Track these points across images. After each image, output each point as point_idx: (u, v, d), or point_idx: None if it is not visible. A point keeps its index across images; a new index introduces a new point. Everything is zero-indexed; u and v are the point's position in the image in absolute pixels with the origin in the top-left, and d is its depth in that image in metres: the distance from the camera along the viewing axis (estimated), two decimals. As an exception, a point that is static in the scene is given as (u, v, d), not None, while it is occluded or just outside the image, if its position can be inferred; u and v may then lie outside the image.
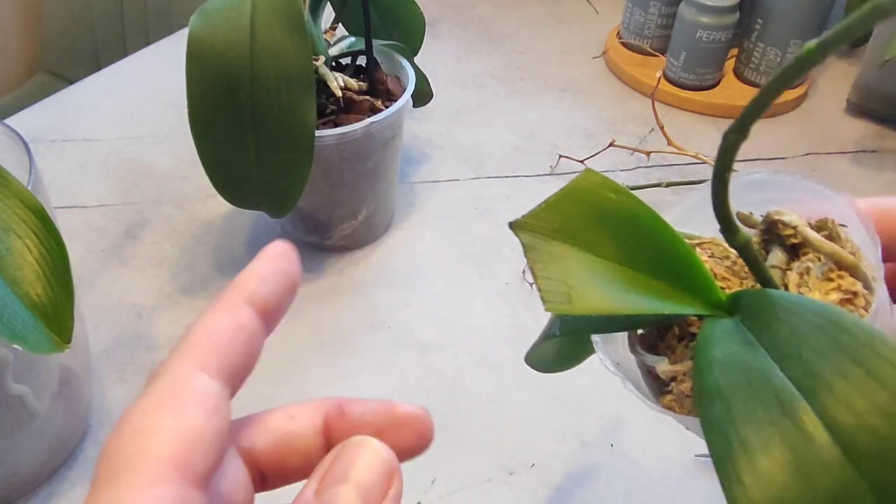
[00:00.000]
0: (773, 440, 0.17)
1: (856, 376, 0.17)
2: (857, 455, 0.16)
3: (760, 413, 0.18)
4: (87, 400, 0.42)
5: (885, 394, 0.16)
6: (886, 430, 0.16)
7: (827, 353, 0.17)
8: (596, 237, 0.21)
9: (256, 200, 0.46)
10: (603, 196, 0.22)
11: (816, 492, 0.16)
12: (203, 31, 0.41)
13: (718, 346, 0.19)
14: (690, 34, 0.66)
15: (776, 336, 0.19)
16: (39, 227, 0.29)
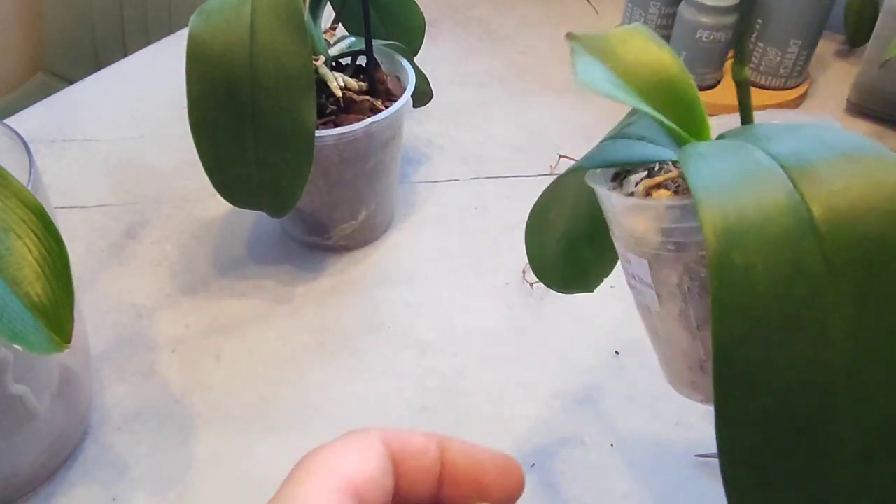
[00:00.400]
0: (747, 184, 0.18)
1: (838, 162, 0.18)
2: (821, 221, 0.17)
3: (739, 167, 0.19)
4: (87, 400, 0.42)
5: (861, 180, 0.17)
6: (856, 209, 0.17)
7: (812, 145, 0.19)
8: (631, 72, 0.25)
9: (256, 200, 0.46)
10: (646, 46, 0.26)
11: (769, 232, 0.17)
12: (203, 31, 0.41)
13: (705, 144, 0.21)
14: (690, 34, 0.66)
15: (757, 136, 0.20)
16: (39, 227, 0.29)
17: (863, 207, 0.17)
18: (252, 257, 0.54)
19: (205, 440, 0.42)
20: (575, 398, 0.45)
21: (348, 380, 0.46)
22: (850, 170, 0.17)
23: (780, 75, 0.69)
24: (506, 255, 0.54)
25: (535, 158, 0.64)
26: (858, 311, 0.16)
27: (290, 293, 0.51)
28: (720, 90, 0.71)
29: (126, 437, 0.42)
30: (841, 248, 0.17)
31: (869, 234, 0.17)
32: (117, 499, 0.39)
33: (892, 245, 0.17)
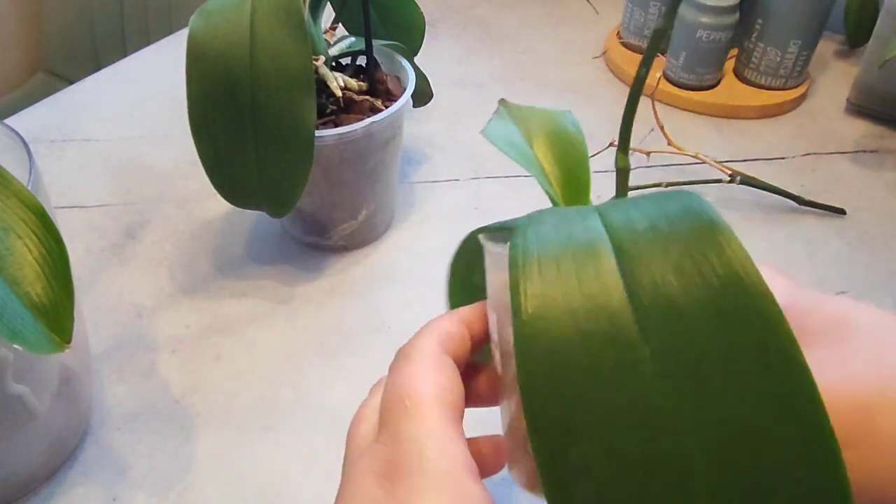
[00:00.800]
0: (566, 264, 0.17)
1: (673, 249, 0.17)
2: (644, 314, 0.16)
3: (566, 239, 0.18)
4: (87, 400, 0.42)
5: (691, 262, 0.17)
6: (681, 299, 0.16)
7: (652, 216, 0.18)
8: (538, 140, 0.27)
9: (256, 200, 0.46)
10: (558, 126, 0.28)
11: (587, 323, 0.16)
12: (203, 31, 0.41)
13: (551, 210, 0.21)
14: (690, 34, 0.66)
15: (610, 209, 0.20)
16: (39, 227, 0.29)
17: (677, 285, 0.16)
18: (252, 257, 0.54)
19: (205, 440, 0.42)
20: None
21: (348, 380, 0.46)
22: (672, 247, 0.17)
23: (780, 75, 0.69)
24: (506, 255, 0.54)
25: (535, 158, 0.64)
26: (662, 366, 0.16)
27: (290, 293, 0.51)
28: (720, 90, 0.71)
29: (126, 437, 0.42)
30: (655, 325, 0.16)
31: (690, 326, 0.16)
32: (117, 499, 0.39)
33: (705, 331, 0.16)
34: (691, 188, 0.60)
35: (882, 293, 0.52)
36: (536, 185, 0.61)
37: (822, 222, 0.58)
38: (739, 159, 0.64)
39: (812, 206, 0.58)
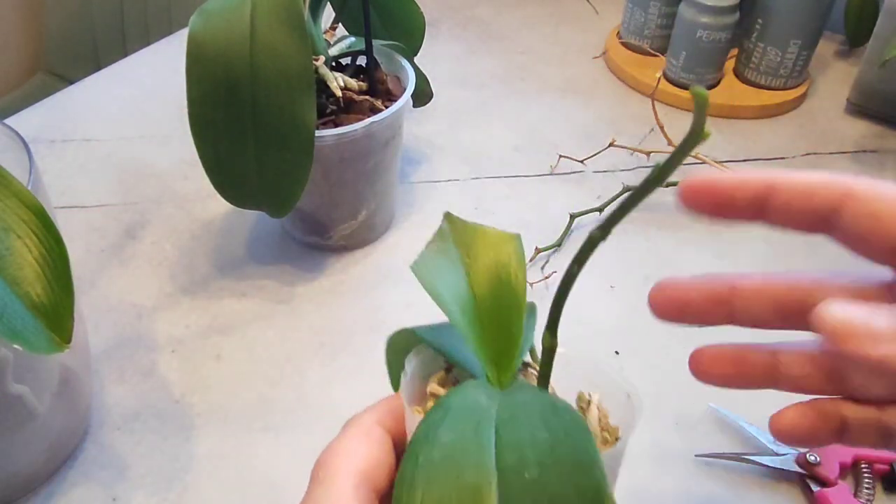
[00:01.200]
0: (454, 451, 0.19)
1: (543, 454, 0.19)
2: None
3: (457, 434, 0.20)
4: (87, 400, 0.42)
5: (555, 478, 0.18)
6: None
7: (534, 425, 0.20)
8: (479, 274, 0.25)
9: (256, 200, 0.46)
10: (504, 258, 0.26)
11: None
12: (203, 31, 0.41)
13: (470, 390, 0.22)
14: (690, 34, 0.66)
15: (512, 402, 0.21)
16: (39, 227, 0.29)
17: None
18: (252, 257, 0.54)
19: (205, 440, 0.42)
20: (575, 398, 0.45)
21: (348, 380, 0.46)
22: (550, 463, 0.19)
23: (780, 75, 0.69)
24: (506, 255, 0.54)
25: (535, 158, 0.64)
26: None
27: (290, 293, 0.51)
28: (720, 90, 0.71)
29: (126, 437, 0.42)
30: None
31: None
32: (117, 499, 0.39)
33: None
34: (691, 188, 0.60)
35: (882, 293, 0.52)
36: (536, 185, 0.61)
37: (822, 222, 0.58)
38: (739, 159, 0.64)
39: (812, 206, 0.58)
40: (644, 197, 0.18)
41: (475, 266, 0.25)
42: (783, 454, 0.41)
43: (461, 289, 0.25)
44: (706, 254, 0.55)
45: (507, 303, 0.24)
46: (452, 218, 0.26)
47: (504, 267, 0.25)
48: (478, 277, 0.25)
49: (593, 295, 0.52)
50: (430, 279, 0.24)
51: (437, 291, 0.24)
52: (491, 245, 0.25)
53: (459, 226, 0.26)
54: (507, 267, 0.25)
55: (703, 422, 0.44)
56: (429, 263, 0.25)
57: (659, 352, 0.48)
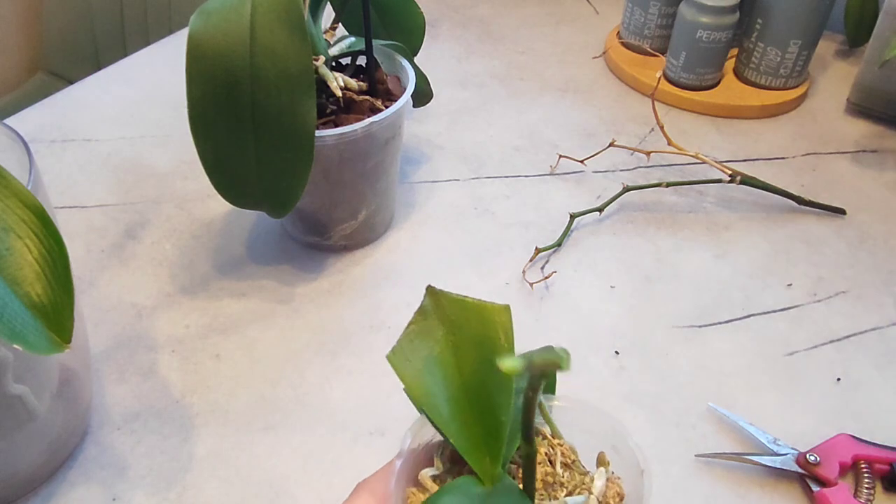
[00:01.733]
0: None
1: None
2: None
3: None
4: (87, 400, 0.42)
5: None
6: None
7: None
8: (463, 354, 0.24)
9: (256, 200, 0.46)
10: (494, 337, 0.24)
11: None
12: (203, 31, 0.41)
13: (448, 499, 0.21)
14: (690, 34, 0.66)
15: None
16: (39, 227, 0.29)
17: None
18: (252, 257, 0.54)
19: (205, 440, 0.42)
20: (575, 398, 0.45)
21: (348, 380, 0.46)
22: None
23: (781, 75, 0.69)
24: (506, 255, 0.54)
25: (535, 158, 0.64)
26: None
27: (290, 293, 0.51)
28: (720, 90, 0.71)
29: (126, 437, 0.42)
30: None
31: None
32: (117, 499, 0.39)
33: None
34: (691, 188, 0.60)
35: (882, 293, 0.52)
36: (536, 185, 0.61)
37: (822, 222, 0.58)
38: (739, 159, 0.64)
39: (812, 206, 0.58)
40: None
41: (461, 343, 0.24)
42: (783, 454, 0.41)
43: (448, 375, 0.23)
44: (706, 254, 0.55)
45: (497, 383, 0.23)
46: (435, 292, 0.25)
47: (492, 342, 0.23)
48: (465, 355, 0.23)
49: (593, 295, 0.52)
50: (410, 369, 0.22)
51: (416, 383, 0.22)
52: (478, 318, 0.24)
53: (444, 300, 0.24)
54: (496, 342, 0.23)
55: (703, 422, 0.44)
56: (408, 350, 0.23)
57: (659, 352, 0.48)
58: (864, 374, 0.46)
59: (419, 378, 0.22)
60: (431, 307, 0.24)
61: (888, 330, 0.49)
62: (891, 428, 0.43)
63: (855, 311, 0.51)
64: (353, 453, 0.42)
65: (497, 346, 0.23)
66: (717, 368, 0.47)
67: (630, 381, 0.46)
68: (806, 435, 0.43)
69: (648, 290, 0.52)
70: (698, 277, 0.53)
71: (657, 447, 0.42)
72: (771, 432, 0.42)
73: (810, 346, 0.48)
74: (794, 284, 0.52)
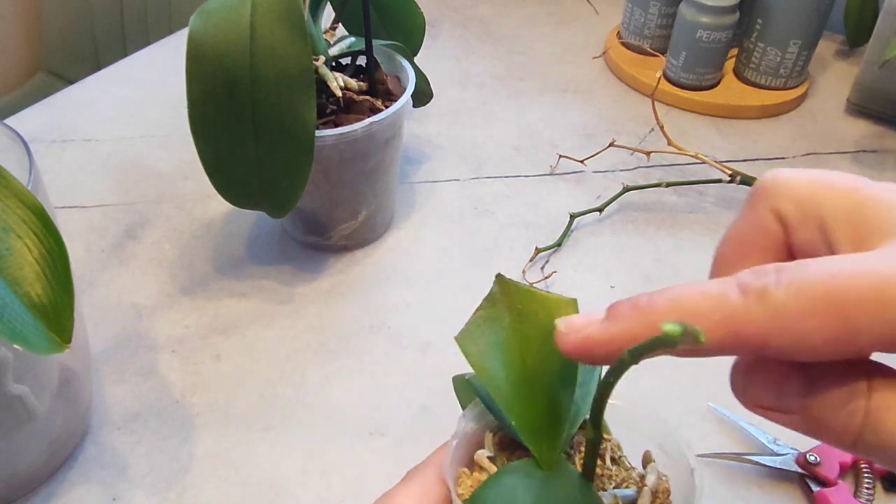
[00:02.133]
0: None
1: None
2: None
3: None
4: (87, 400, 0.42)
5: None
6: None
7: None
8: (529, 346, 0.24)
9: (256, 200, 0.46)
10: None
11: None
12: (203, 31, 0.41)
13: (509, 479, 0.22)
14: (690, 34, 0.66)
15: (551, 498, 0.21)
16: (39, 227, 0.29)
17: None
18: (252, 257, 0.54)
19: (205, 440, 0.42)
20: (575, 398, 0.45)
21: (348, 380, 0.46)
22: None
23: (780, 75, 0.69)
24: (506, 255, 0.54)
25: (535, 158, 0.64)
26: None
27: (290, 293, 0.51)
28: (720, 90, 0.71)
29: (126, 437, 0.42)
30: None
31: None
32: (117, 499, 0.39)
33: None
34: (691, 188, 0.60)
35: (882, 293, 0.52)
36: (536, 185, 0.61)
37: (822, 222, 0.58)
38: (739, 159, 0.64)
39: (812, 206, 0.58)
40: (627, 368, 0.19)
41: (527, 332, 0.24)
42: (783, 454, 0.41)
43: (512, 360, 0.23)
44: (706, 254, 0.55)
45: (559, 374, 0.23)
46: (505, 281, 0.25)
47: None
48: (530, 345, 0.24)
49: (593, 295, 0.52)
50: (477, 351, 0.23)
51: (484, 365, 0.23)
52: (546, 310, 0.24)
53: (512, 289, 0.25)
54: None
55: (703, 422, 0.44)
56: (475, 333, 0.23)
57: (659, 352, 0.48)
58: (864, 374, 0.46)
59: (484, 360, 0.23)
60: (500, 295, 0.25)
61: (888, 330, 0.49)
62: (891, 428, 0.43)
63: (855, 311, 0.51)
64: (353, 453, 0.42)
65: None
66: (717, 368, 0.47)
67: (630, 381, 0.46)
68: (806, 435, 0.43)
69: (648, 290, 0.52)
70: (698, 277, 0.53)
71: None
72: (771, 432, 0.42)
73: (810, 346, 0.48)
74: (794, 284, 0.52)
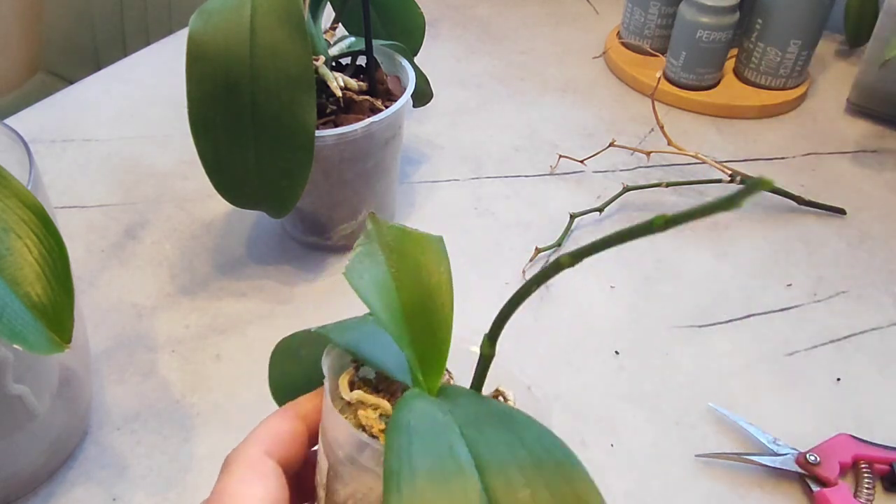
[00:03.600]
0: (437, 479, 0.19)
1: (529, 468, 0.19)
2: None
3: (434, 459, 0.19)
4: (87, 400, 0.42)
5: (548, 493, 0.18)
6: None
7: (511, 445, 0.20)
8: (404, 277, 0.25)
9: (256, 200, 0.46)
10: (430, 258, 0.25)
11: None
12: (203, 31, 0.41)
13: (419, 403, 0.22)
14: (690, 34, 0.66)
15: (465, 413, 0.21)
16: (39, 227, 0.29)
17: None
18: (252, 257, 0.54)
19: (205, 440, 0.42)
20: (575, 398, 0.45)
21: (348, 380, 0.46)
22: (538, 479, 0.19)
23: (780, 75, 0.69)
24: (506, 255, 0.54)
25: (535, 158, 0.64)
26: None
27: (290, 293, 0.51)
28: (720, 90, 0.71)
29: (126, 437, 0.42)
30: None
31: None
32: (117, 499, 0.39)
33: None
34: (691, 188, 0.60)
35: (882, 293, 0.52)
36: (536, 185, 0.61)
37: (822, 222, 0.58)
38: (739, 159, 0.64)
39: (812, 206, 0.58)
40: (630, 239, 0.18)
41: (401, 269, 0.25)
42: (783, 454, 0.41)
43: (387, 292, 0.24)
44: (706, 254, 0.55)
45: (433, 306, 0.24)
46: (376, 220, 0.26)
47: (428, 269, 0.25)
48: (403, 281, 0.25)
49: (593, 295, 0.52)
50: (363, 285, 0.23)
51: (371, 297, 0.23)
52: (415, 247, 0.25)
53: (384, 228, 0.26)
54: (431, 269, 0.24)
55: (703, 422, 0.44)
56: (359, 267, 0.24)
57: (659, 352, 0.48)
58: (864, 374, 0.46)
59: (370, 293, 0.24)
60: (374, 233, 0.26)
61: (888, 330, 0.49)
62: (891, 428, 0.43)
63: (855, 311, 0.51)
64: (353, 453, 0.42)
65: (435, 273, 0.25)
66: (717, 368, 0.47)
67: (630, 380, 0.46)
68: (806, 435, 0.43)
69: (648, 290, 0.52)
70: (698, 277, 0.53)
71: (657, 447, 0.42)
72: (771, 432, 0.42)
73: (810, 346, 0.48)
74: (794, 284, 0.52)
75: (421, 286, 0.24)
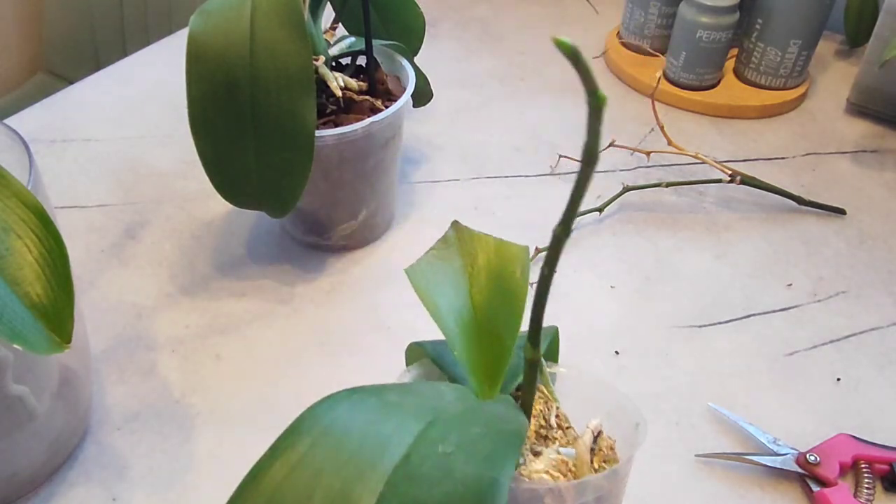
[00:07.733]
0: None
1: None
2: None
3: None
4: (87, 400, 0.42)
5: None
6: None
7: None
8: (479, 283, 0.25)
9: (256, 200, 0.46)
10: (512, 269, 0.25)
11: None
12: (203, 31, 0.41)
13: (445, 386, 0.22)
14: (690, 34, 0.66)
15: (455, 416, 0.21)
16: (39, 227, 0.29)
17: None
18: (252, 257, 0.54)
19: (205, 440, 0.42)
20: (575, 398, 0.45)
21: (348, 379, 0.46)
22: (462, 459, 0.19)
23: (780, 75, 0.69)
24: (506, 255, 0.54)
25: (535, 158, 0.64)
26: None
27: (290, 293, 0.51)
28: (720, 90, 0.71)
29: (126, 437, 0.42)
30: None
31: None
32: (117, 499, 0.39)
33: None
34: (691, 188, 0.60)
35: (882, 293, 0.52)
36: (536, 185, 0.61)
37: (822, 222, 0.58)
38: (739, 159, 0.64)
39: (812, 206, 0.58)
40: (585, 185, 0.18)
41: (478, 276, 0.25)
42: (783, 454, 0.41)
43: (460, 298, 0.24)
44: (706, 254, 0.55)
45: (506, 315, 0.24)
46: (460, 226, 0.26)
47: (509, 275, 0.24)
48: (479, 287, 0.24)
49: (593, 295, 0.52)
50: (426, 285, 0.24)
51: (432, 299, 0.23)
52: (497, 256, 0.25)
53: (466, 235, 0.26)
54: (512, 276, 0.24)
55: (703, 422, 0.44)
56: (426, 269, 0.24)
57: (659, 352, 0.48)
58: (864, 374, 0.46)
59: (432, 295, 0.23)
60: (454, 239, 0.26)
61: (888, 330, 0.49)
62: (891, 428, 0.43)
63: (855, 311, 0.51)
64: (353, 453, 0.42)
65: (513, 280, 0.24)
66: (717, 368, 0.47)
67: (630, 380, 0.46)
68: (806, 435, 0.43)
69: (648, 290, 0.52)
70: (698, 277, 0.53)
71: (657, 447, 0.42)
72: (771, 432, 0.42)
73: (810, 346, 0.48)
74: (794, 284, 0.52)
75: (497, 295, 0.24)
